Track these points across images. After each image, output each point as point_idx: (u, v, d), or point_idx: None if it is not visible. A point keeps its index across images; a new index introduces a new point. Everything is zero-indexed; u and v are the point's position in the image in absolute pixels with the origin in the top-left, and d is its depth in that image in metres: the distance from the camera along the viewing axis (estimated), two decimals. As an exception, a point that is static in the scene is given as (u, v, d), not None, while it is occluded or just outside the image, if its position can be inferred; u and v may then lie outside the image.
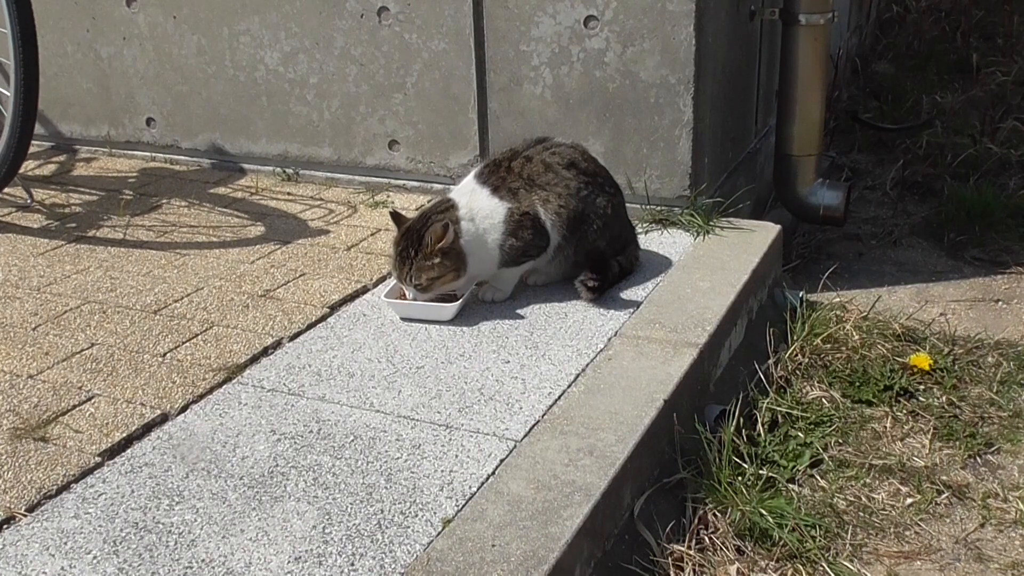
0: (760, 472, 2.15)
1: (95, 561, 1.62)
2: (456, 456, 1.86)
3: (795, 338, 2.68)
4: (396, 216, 2.47)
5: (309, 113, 3.51)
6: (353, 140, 3.47)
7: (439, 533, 1.65)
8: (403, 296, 2.46)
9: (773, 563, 1.93)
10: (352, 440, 1.92)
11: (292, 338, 2.38)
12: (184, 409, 2.07)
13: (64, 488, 1.81)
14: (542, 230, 2.45)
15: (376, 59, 3.31)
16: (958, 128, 4.60)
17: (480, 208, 2.42)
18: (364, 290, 2.65)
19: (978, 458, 2.32)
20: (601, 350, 2.25)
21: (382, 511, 1.71)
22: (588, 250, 2.49)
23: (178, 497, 1.77)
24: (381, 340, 2.34)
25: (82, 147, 4.03)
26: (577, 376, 2.14)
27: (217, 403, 2.08)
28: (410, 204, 3.32)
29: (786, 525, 1.98)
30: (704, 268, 2.69)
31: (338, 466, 1.84)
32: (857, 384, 2.56)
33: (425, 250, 2.34)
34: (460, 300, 2.43)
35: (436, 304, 2.42)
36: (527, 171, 2.48)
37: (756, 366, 2.51)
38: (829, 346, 2.68)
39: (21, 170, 3.10)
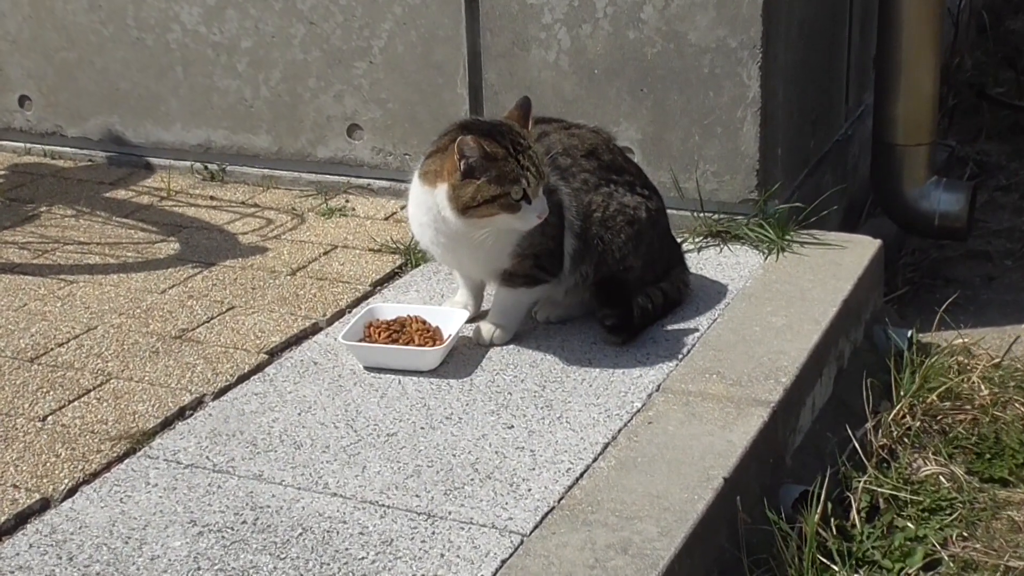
0: (855, 576, 2.17)
1: None
2: (441, 555, 1.87)
3: (902, 393, 2.69)
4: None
5: (240, 88, 3.54)
6: (300, 125, 3.51)
7: (419, 660, 1.67)
8: (369, 336, 2.49)
9: None
10: (300, 534, 1.94)
11: (217, 395, 2.39)
12: (72, 492, 2.08)
13: (-91, 600, 1.83)
14: (561, 235, 2.48)
15: (332, 15, 3.35)
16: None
17: None
18: (315, 329, 2.68)
19: None
20: (638, 410, 2.27)
21: (341, 630, 1.72)
22: (611, 272, 2.52)
23: (64, 612, 1.79)
24: (338, 397, 2.36)
25: (-69, 135, 4.06)
26: (606, 446, 2.16)
27: (117, 483, 2.10)
28: (377, 211, 3.35)
29: (891, 649, 1.99)
30: (778, 298, 2.71)
31: (281, 569, 1.85)
32: (987, 456, 2.57)
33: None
34: (445, 343, 2.45)
35: (413, 348, 2.44)
36: (545, 144, 2.49)
37: (849, 431, 2.52)
38: (948, 404, 2.69)
39: None
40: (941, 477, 2.51)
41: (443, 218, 2.35)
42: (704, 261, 2.91)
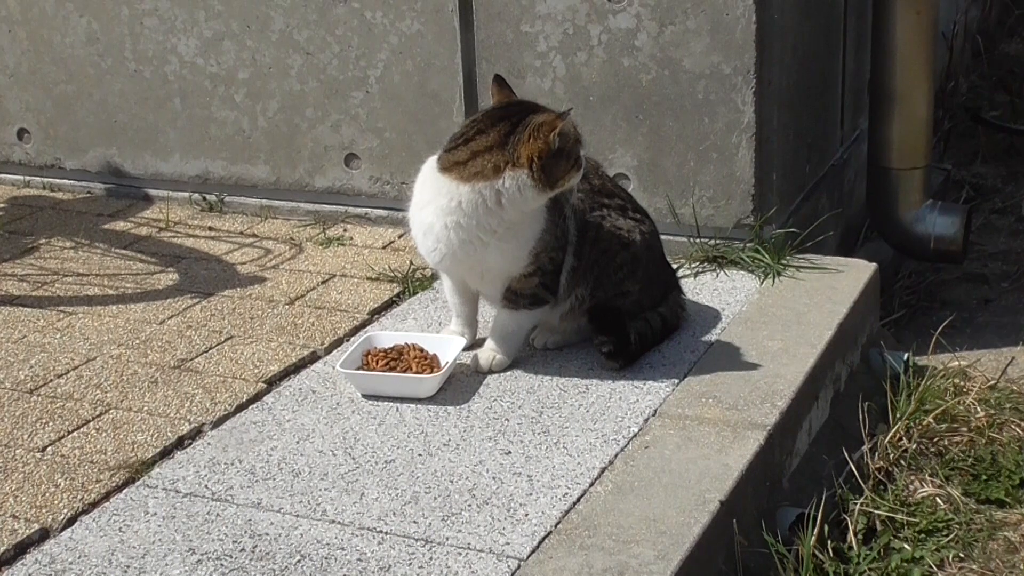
0: (853, 599, 2.17)
1: None
2: (439, 581, 1.88)
3: (898, 416, 2.70)
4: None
5: (238, 119, 3.57)
6: (297, 155, 3.53)
7: None
8: (367, 364, 2.50)
9: None
10: (298, 561, 1.95)
11: (216, 424, 2.41)
12: (71, 522, 2.09)
13: (-91, 631, 1.84)
14: (565, 246, 2.50)
15: (328, 46, 3.38)
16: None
17: None
18: (313, 358, 2.69)
19: None
20: (635, 435, 2.29)
21: (340, 656, 1.73)
22: (607, 297, 2.55)
23: (64, 641, 1.80)
24: (336, 425, 2.38)
25: (-69, 169, 4.09)
26: (603, 471, 2.17)
27: (116, 513, 2.11)
28: (375, 240, 3.37)
29: (889, 671, 2.00)
30: (774, 322, 2.73)
31: (280, 596, 1.87)
32: (983, 478, 2.58)
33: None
34: (443, 370, 2.47)
35: (410, 376, 2.46)
36: None
37: (846, 454, 2.53)
38: (945, 426, 2.70)
39: None
40: (938, 499, 2.51)
41: (487, 210, 2.37)
42: (700, 286, 2.93)
